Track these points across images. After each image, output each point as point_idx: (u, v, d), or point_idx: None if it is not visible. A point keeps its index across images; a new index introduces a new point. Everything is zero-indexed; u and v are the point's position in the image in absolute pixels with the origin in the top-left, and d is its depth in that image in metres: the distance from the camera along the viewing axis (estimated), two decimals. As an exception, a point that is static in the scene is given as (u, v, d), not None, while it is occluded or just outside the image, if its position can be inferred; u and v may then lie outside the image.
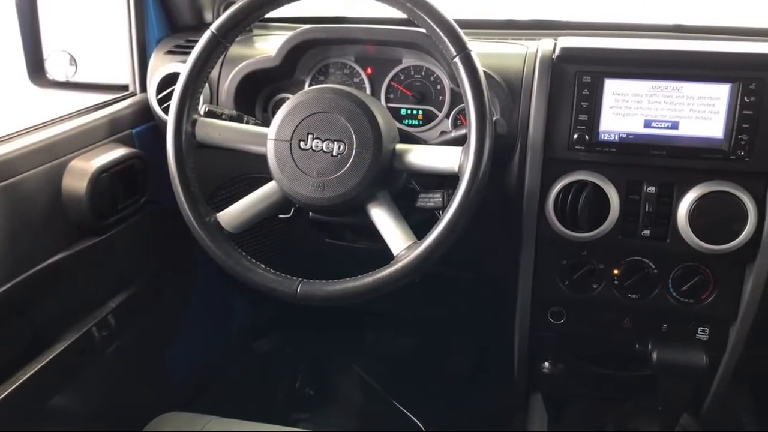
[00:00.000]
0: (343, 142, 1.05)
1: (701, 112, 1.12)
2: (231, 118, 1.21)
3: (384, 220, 1.07)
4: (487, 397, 1.81)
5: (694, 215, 1.13)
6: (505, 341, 1.43)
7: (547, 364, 1.32)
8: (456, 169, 1.02)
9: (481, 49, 1.31)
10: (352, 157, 1.04)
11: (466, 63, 1.01)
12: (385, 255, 1.05)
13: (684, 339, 1.26)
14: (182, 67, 1.12)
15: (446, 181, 1.09)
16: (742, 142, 1.10)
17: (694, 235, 1.14)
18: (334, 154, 1.05)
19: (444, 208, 1.03)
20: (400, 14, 1.05)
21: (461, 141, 1.04)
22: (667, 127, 1.13)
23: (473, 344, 1.96)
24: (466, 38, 1.02)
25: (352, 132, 1.05)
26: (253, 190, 1.13)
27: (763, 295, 1.20)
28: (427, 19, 1.02)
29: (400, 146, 1.08)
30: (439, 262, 1.02)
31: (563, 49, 1.14)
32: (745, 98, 1.08)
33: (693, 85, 1.11)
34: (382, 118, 1.07)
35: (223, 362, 1.96)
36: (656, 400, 1.27)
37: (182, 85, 1.11)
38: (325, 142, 1.06)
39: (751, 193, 1.12)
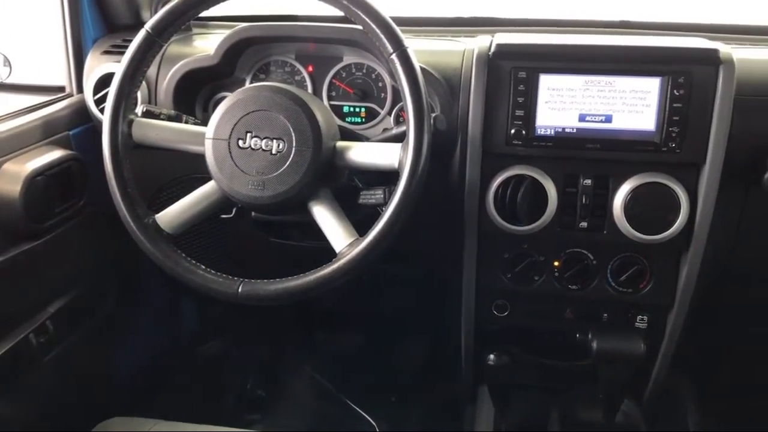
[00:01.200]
0: (283, 140, 1.05)
1: (633, 105, 1.14)
2: (170, 118, 1.19)
3: (325, 217, 1.07)
4: (438, 392, 1.83)
5: (629, 206, 1.16)
6: (452, 335, 1.44)
7: (492, 356, 1.33)
8: (396, 165, 1.03)
9: (420, 46, 1.33)
10: (291, 155, 1.04)
11: (402, 60, 1.01)
12: (331, 253, 1.05)
13: (623, 327, 1.30)
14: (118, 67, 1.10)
15: (389, 177, 1.10)
16: (673, 135, 1.13)
17: (629, 226, 1.17)
18: (274, 152, 1.05)
19: (386, 204, 1.04)
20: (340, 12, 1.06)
21: (402, 137, 1.04)
22: (601, 121, 1.16)
23: (423, 340, 1.97)
24: (402, 35, 1.02)
25: (292, 130, 1.05)
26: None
27: (698, 283, 1.24)
28: (364, 17, 1.02)
29: (340, 144, 1.09)
30: (383, 258, 1.03)
31: (499, 46, 1.16)
32: (675, 92, 1.12)
33: (625, 79, 1.14)
34: (322, 115, 1.07)
35: (170, 365, 1.93)
36: (598, 389, 1.30)
37: (117, 86, 1.09)
38: (264, 141, 1.05)
39: (683, 184, 1.16)
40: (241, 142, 1.06)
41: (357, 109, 1.32)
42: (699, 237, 1.18)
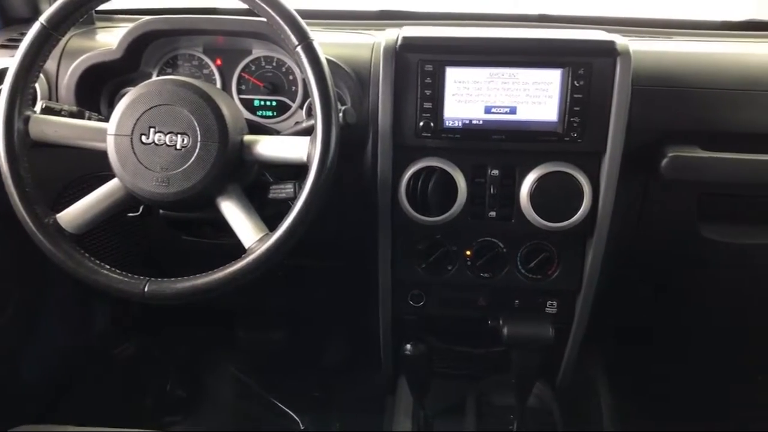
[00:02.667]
0: (187, 135, 1.03)
1: (537, 97, 1.17)
2: (71, 115, 1.15)
3: (234, 213, 1.06)
4: (360, 384, 1.84)
5: (534, 195, 1.20)
6: (372, 327, 1.45)
7: (408, 346, 1.35)
8: (305, 158, 1.03)
9: (330, 39, 1.33)
10: (197, 150, 1.02)
11: (308, 52, 1.01)
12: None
13: (534, 313, 1.33)
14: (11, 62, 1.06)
15: (299, 171, 1.10)
16: (575, 125, 1.17)
17: (535, 214, 1.20)
18: (178, 147, 1.03)
19: (296, 198, 1.03)
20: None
21: (312, 131, 1.04)
22: (506, 113, 1.18)
23: (344, 333, 1.97)
24: (307, 27, 1.02)
25: (196, 124, 1.03)
26: None
27: (603, 267, 1.28)
28: (268, 9, 1.01)
29: (248, 138, 1.07)
30: (297, 252, 1.03)
31: (405, 39, 1.17)
32: (575, 83, 1.15)
33: (528, 71, 1.17)
34: (228, 109, 1.06)
35: (83, 369, 1.87)
36: (510, 374, 1.33)
37: (11, 81, 1.05)
38: (168, 136, 1.03)
39: (586, 172, 1.20)
40: (144, 138, 1.03)
41: (268, 103, 1.31)
42: (602, 223, 1.22)
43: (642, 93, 1.19)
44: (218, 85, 1.31)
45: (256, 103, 1.31)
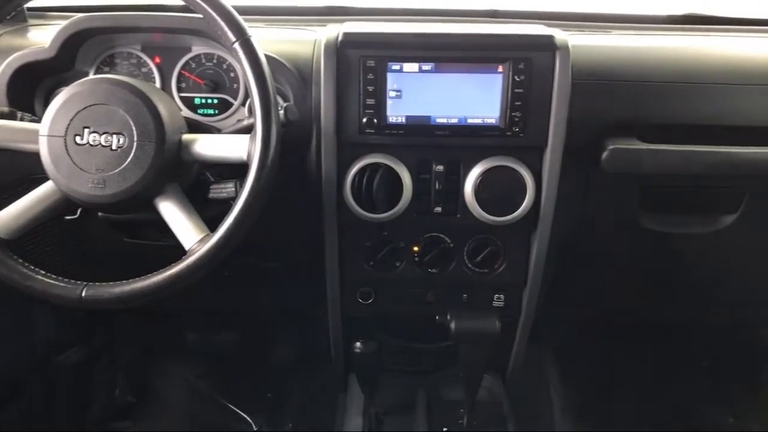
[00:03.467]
0: (123, 135, 1.00)
1: (479, 92, 1.18)
2: (2, 116, 1.11)
3: (174, 214, 1.04)
4: (313, 383, 1.83)
5: (479, 190, 1.20)
6: (322, 326, 1.44)
7: (358, 344, 1.35)
8: (245, 157, 1.01)
9: (271, 35, 1.32)
10: (133, 151, 1.00)
11: (245, 49, 0.99)
12: None
13: (482, 307, 1.34)
14: None
15: (241, 170, 1.08)
16: (516, 119, 1.18)
17: (480, 209, 1.21)
18: (114, 148, 1.00)
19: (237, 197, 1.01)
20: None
21: (252, 129, 1.02)
22: (449, 108, 1.18)
23: (295, 332, 1.96)
24: (245, 24, 1.00)
25: (132, 124, 1.00)
26: None
27: (548, 260, 1.30)
28: (204, 5, 0.99)
29: (186, 137, 1.05)
30: (244, 252, 1.01)
31: (346, 35, 1.16)
32: (516, 78, 1.16)
33: (470, 66, 1.17)
34: (165, 108, 1.03)
35: (23, 378, 1.81)
36: (459, 368, 1.34)
37: None
38: (104, 136, 1.00)
39: (529, 167, 1.21)
40: (78, 139, 1.00)
41: (209, 101, 1.29)
42: (545, 217, 1.23)
43: (582, 87, 1.20)
44: (158, 83, 1.28)
45: (197, 101, 1.29)
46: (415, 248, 1.30)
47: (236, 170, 1.15)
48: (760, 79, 1.24)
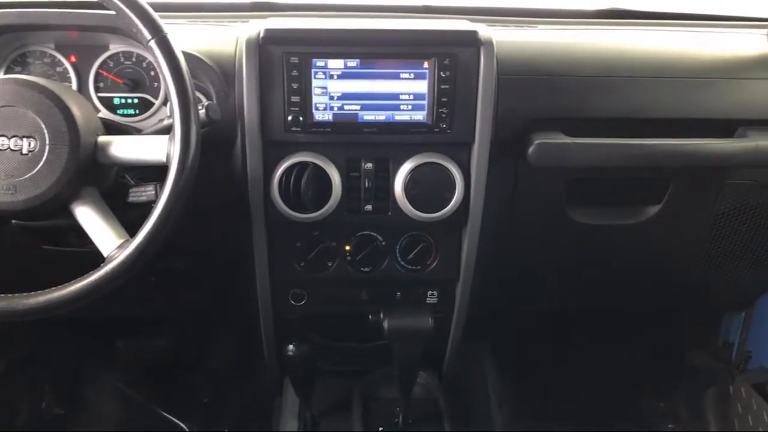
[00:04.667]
0: (34, 139, 0.96)
1: (406, 88, 1.17)
2: None
3: (91, 219, 1.00)
4: (248, 387, 1.79)
5: (408, 187, 1.19)
6: (256, 329, 1.41)
7: (291, 346, 1.32)
8: (164, 158, 0.98)
9: (192, 32, 1.28)
10: (45, 155, 0.96)
11: (162, 47, 0.96)
12: None
13: (416, 304, 1.33)
14: None
15: (162, 172, 1.04)
16: (443, 115, 1.17)
17: (410, 206, 1.20)
18: (24, 152, 0.96)
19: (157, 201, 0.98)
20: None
21: (172, 129, 0.99)
22: (376, 105, 1.17)
23: (230, 336, 1.92)
24: (160, 21, 0.97)
25: (43, 126, 0.96)
26: None
27: (479, 255, 1.30)
28: (117, 2, 0.96)
29: (102, 139, 1.01)
30: (170, 256, 0.98)
31: (267, 31, 1.13)
32: (442, 73, 1.15)
33: (396, 62, 1.16)
34: (79, 109, 0.99)
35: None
36: (394, 366, 1.33)
37: None
38: (12, 140, 0.96)
39: (457, 163, 1.20)
40: None
41: (129, 101, 1.24)
42: (475, 212, 1.24)
43: (508, 82, 1.20)
44: (74, 83, 1.23)
45: (116, 101, 1.24)
46: (347, 247, 1.28)
47: (158, 172, 1.11)
48: (680, 73, 1.27)
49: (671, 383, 1.92)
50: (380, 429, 1.39)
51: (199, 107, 1.03)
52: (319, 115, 1.17)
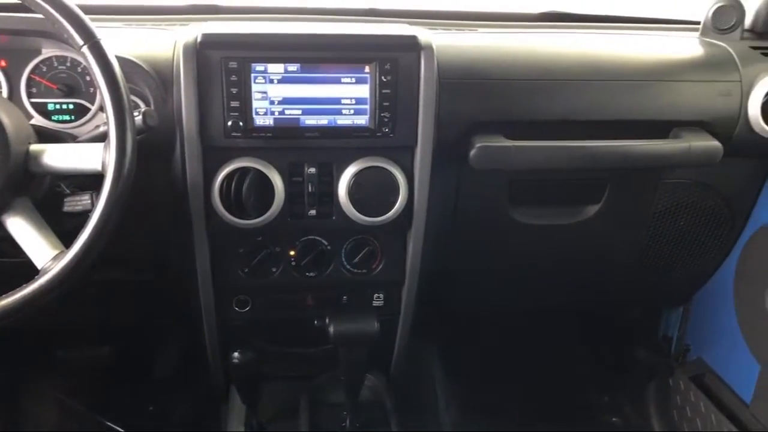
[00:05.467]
0: None
1: (348, 93, 1.17)
2: None
3: (24, 230, 0.97)
4: (194, 395, 1.77)
5: (352, 191, 1.19)
6: (201, 336, 1.39)
7: (236, 353, 1.31)
8: (99, 167, 0.96)
9: (128, 36, 1.25)
10: None
11: (95, 53, 0.94)
12: None
13: (362, 307, 1.34)
14: None
15: (99, 180, 1.02)
16: (386, 120, 1.17)
17: (354, 210, 1.20)
18: None
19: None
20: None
21: (107, 136, 0.97)
22: (318, 110, 1.17)
23: (175, 343, 1.89)
24: (92, 25, 0.95)
25: None
26: None
27: (424, 258, 1.31)
28: (45, 6, 0.93)
29: (34, 147, 0.98)
30: (109, 266, 0.96)
31: (205, 36, 1.12)
32: (383, 78, 1.15)
33: (336, 66, 1.16)
34: (8, 116, 0.96)
35: None
36: (340, 370, 1.33)
37: None
38: None
39: (400, 167, 1.21)
40: None
41: (64, 107, 1.21)
42: (419, 215, 1.24)
43: (449, 86, 1.21)
44: (4, 89, 1.19)
45: (51, 107, 1.20)
46: (292, 252, 1.27)
47: (95, 180, 1.09)
48: (616, 75, 1.30)
49: (614, 378, 1.96)
50: (327, 433, 1.39)
51: (136, 113, 1.01)
52: (260, 120, 1.15)
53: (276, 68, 1.14)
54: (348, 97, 1.16)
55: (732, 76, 1.31)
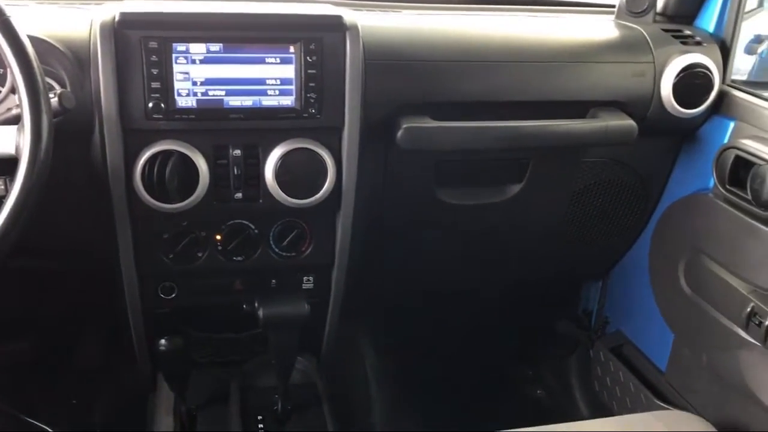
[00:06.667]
0: None
1: (273, 73, 1.15)
2: None
3: None
4: (121, 384, 1.72)
5: (279, 173, 1.18)
6: (126, 325, 1.36)
7: (163, 341, 1.28)
8: (13, 151, 0.92)
9: (41, 15, 1.20)
10: None
11: (4, 32, 0.90)
12: None
13: (292, 291, 1.33)
14: None
15: (11, 165, 0.97)
16: (312, 100, 1.16)
17: (282, 192, 1.19)
18: None
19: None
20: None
21: (20, 119, 0.93)
22: (243, 90, 1.15)
23: (100, 333, 1.83)
24: (2, 2, 0.90)
25: None
26: None
27: (354, 240, 1.31)
28: None
29: None
30: (27, 254, 0.92)
31: (123, 15, 1.08)
32: (308, 58, 1.14)
33: (260, 47, 1.14)
34: None
35: None
36: (270, 354, 1.32)
37: None
38: None
39: (328, 148, 1.20)
40: None
41: None
42: (347, 197, 1.24)
43: (375, 67, 1.21)
44: None
45: None
46: (218, 237, 1.25)
47: (9, 165, 1.04)
48: (536, 57, 1.33)
49: (539, 352, 2.03)
50: (259, 418, 1.38)
51: (51, 95, 0.97)
52: (182, 102, 1.13)
53: (198, 48, 1.11)
54: (273, 77, 1.15)
55: (645, 58, 1.36)
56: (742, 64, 1.67)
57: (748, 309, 1.26)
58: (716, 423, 1.28)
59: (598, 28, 1.45)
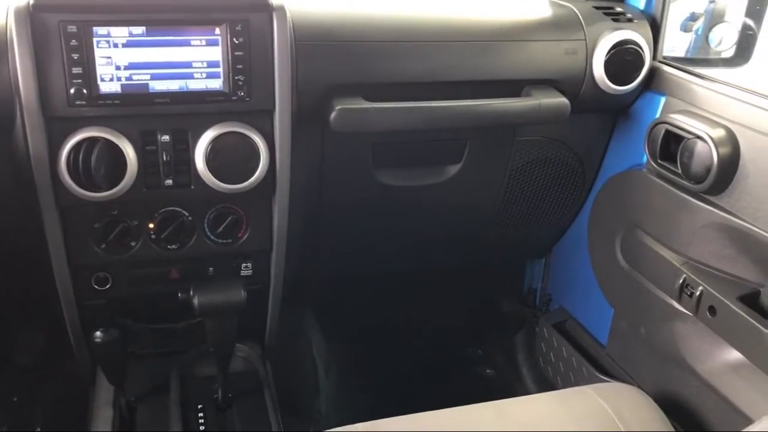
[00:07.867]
0: None
1: (199, 56, 1.13)
2: None
3: None
4: (62, 379, 1.68)
5: (210, 159, 1.16)
6: (62, 318, 1.32)
7: (98, 333, 1.25)
8: None
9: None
10: None
11: None
12: None
13: (230, 278, 1.31)
14: None
15: None
16: (240, 83, 1.15)
17: (213, 178, 1.17)
18: None
19: None
20: None
21: None
22: (169, 75, 1.12)
23: (38, 327, 1.78)
24: None
25: None
26: None
27: (291, 224, 1.30)
28: None
29: None
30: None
31: None
32: (235, 40, 1.12)
33: (186, 29, 1.12)
34: None
35: None
36: (209, 342, 1.31)
37: None
38: None
39: (260, 131, 1.18)
40: None
41: None
42: (282, 181, 1.23)
43: (305, 49, 1.20)
44: None
45: None
46: (151, 225, 1.23)
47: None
48: (469, 37, 1.32)
49: (487, 331, 2.04)
50: (199, 407, 1.36)
51: None
52: (106, 87, 1.10)
53: (120, 32, 1.08)
54: (199, 60, 1.13)
55: (577, 35, 1.37)
56: (679, 42, 1.70)
57: (681, 280, 1.29)
58: (654, 393, 1.31)
59: (531, 6, 1.45)
